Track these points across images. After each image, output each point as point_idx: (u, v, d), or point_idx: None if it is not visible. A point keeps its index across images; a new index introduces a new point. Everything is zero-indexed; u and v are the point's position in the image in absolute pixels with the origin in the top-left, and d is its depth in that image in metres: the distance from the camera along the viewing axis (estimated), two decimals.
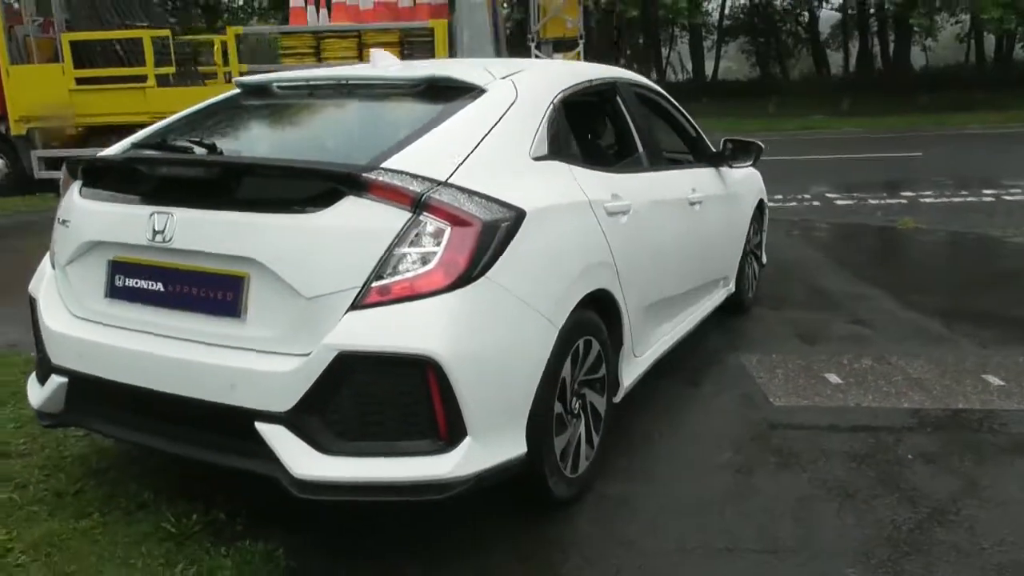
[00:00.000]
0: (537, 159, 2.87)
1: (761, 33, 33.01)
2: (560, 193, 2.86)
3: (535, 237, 2.60)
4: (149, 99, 9.84)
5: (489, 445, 2.44)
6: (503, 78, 3.02)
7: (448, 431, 2.35)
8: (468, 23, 9.65)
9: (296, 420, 2.31)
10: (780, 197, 9.59)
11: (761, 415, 3.74)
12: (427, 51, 10.01)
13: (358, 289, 2.31)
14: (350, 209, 2.35)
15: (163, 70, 10.09)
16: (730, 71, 36.34)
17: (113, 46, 10.17)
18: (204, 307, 2.48)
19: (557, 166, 2.95)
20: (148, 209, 2.53)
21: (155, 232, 2.49)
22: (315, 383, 2.28)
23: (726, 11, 32.96)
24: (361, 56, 10.06)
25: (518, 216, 2.53)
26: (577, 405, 2.97)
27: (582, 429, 3.00)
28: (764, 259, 5.82)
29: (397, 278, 2.32)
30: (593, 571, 2.58)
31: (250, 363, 2.36)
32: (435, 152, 2.57)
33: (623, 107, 3.81)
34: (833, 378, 4.16)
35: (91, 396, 2.69)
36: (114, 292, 2.65)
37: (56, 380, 2.72)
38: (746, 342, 4.76)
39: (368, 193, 2.35)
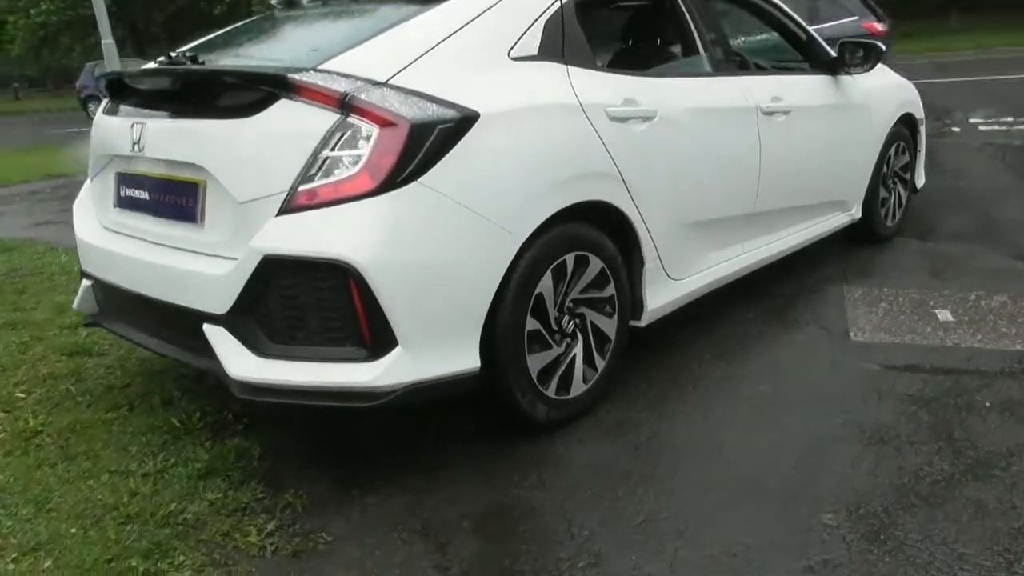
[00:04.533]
0: (519, 59, 2.68)
1: None
2: (539, 96, 2.65)
3: (492, 141, 2.44)
4: None
5: (425, 357, 2.36)
6: None
7: (372, 339, 2.30)
8: None
9: (233, 322, 2.37)
10: (980, 118, 8.30)
11: (828, 349, 3.31)
12: None
13: (285, 193, 2.30)
14: (281, 112, 2.34)
15: None
16: None
17: None
18: (174, 214, 2.60)
19: (546, 67, 2.73)
20: (129, 120, 2.69)
21: (133, 142, 2.64)
22: (246, 286, 2.32)
23: None
24: None
25: (464, 118, 2.38)
26: (571, 324, 2.78)
27: (578, 350, 2.82)
28: (920, 183, 5.09)
29: (323, 182, 2.28)
30: (543, 493, 2.44)
31: (201, 267, 2.45)
32: (385, 52, 2.48)
33: (681, 5, 3.44)
34: (944, 315, 3.58)
35: (108, 299, 2.94)
36: (120, 202, 2.86)
37: (85, 284, 3.01)
38: (861, 273, 4.21)
39: (297, 95, 2.32)
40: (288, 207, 2.30)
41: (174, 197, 2.59)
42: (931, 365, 3.11)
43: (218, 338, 2.41)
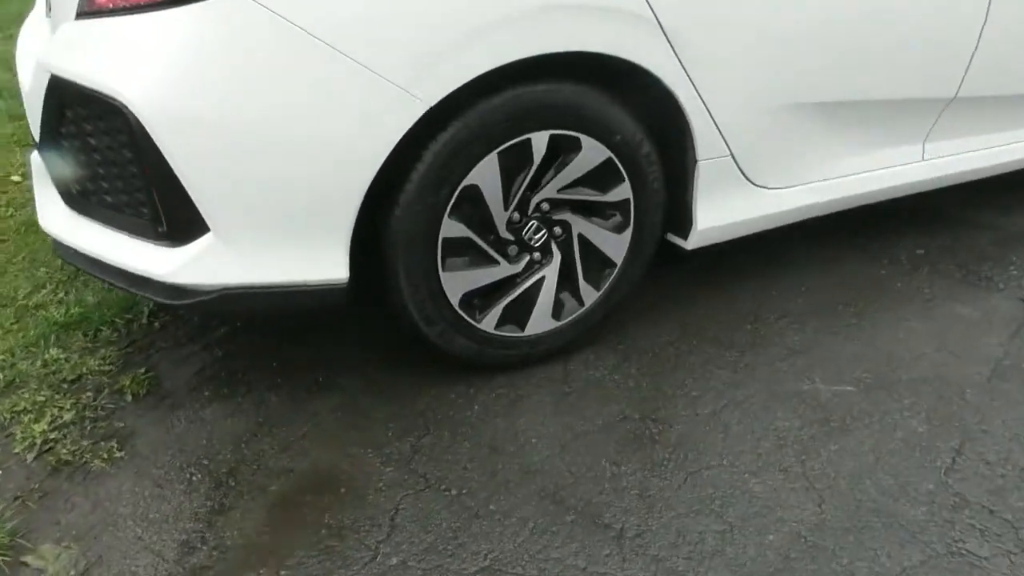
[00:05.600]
0: None
1: None
2: None
3: None
4: None
5: (254, 254, 1.64)
6: None
7: (169, 218, 1.62)
8: None
9: (45, 155, 1.79)
10: None
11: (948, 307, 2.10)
12: None
13: None
14: None
15: None
16: None
17: None
18: None
19: None
20: None
21: None
22: (44, 110, 1.71)
23: None
24: None
25: None
26: (540, 235, 1.89)
27: (549, 273, 1.94)
28: None
29: None
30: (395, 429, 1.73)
31: (29, 79, 1.86)
32: None
33: None
34: None
35: None
36: None
37: None
38: None
39: None
40: (83, 8, 1.60)
41: None
42: None
43: (37, 172, 1.86)
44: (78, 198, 1.75)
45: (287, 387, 1.97)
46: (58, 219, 1.80)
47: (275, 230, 1.64)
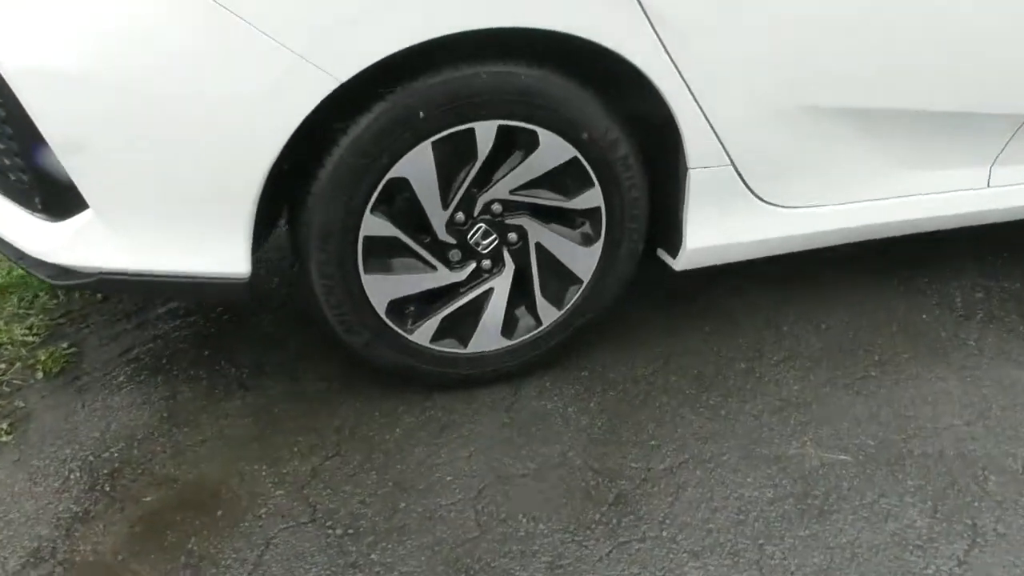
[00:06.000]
0: None
1: None
2: None
3: None
4: None
5: (138, 238, 1.45)
6: None
7: (44, 190, 1.44)
8: None
9: None
10: None
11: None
12: None
13: None
14: None
15: None
16: None
17: None
18: None
19: None
20: None
21: None
22: None
23: None
24: None
25: None
26: (489, 240, 1.63)
27: (498, 284, 1.68)
28: None
29: None
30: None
31: None
32: None
33: None
34: None
35: None
36: None
37: None
38: None
39: None
40: None
41: None
42: None
43: None
44: None
45: (206, 382, 1.79)
46: None
47: (162, 213, 1.44)
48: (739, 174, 1.69)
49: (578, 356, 1.86)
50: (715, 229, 1.74)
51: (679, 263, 1.77)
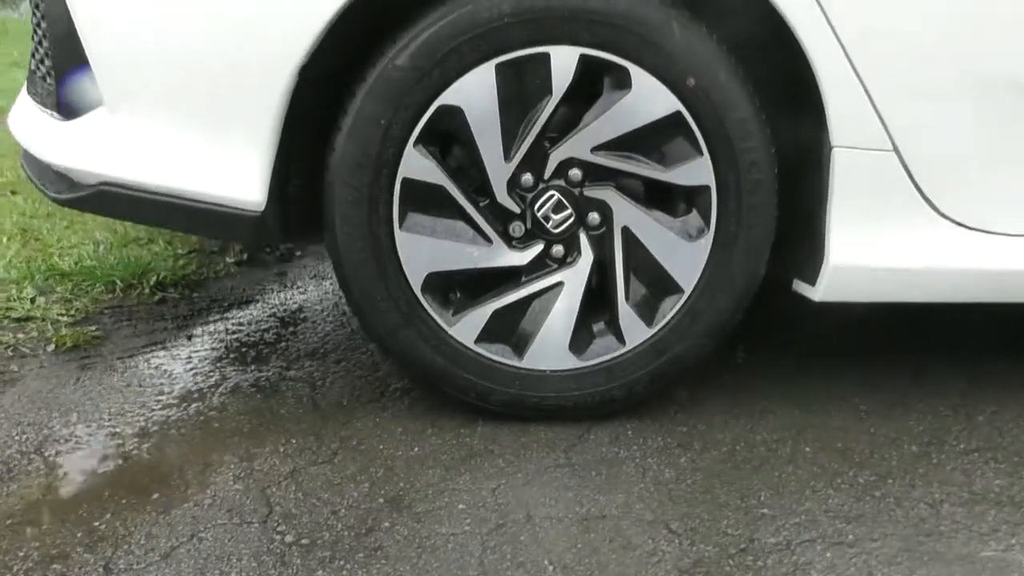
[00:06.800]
0: None
1: None
2: None
3: None
4: None
5: (147, 143, 1.24)
6: None
7: (59, 77, 1.29)
8: None
9: None
10: None
11: None
12: None
13: None
14: None
15: None
16: None
17: None
18: None
19: None
20: None
21: None
22: None
23: None
24: None
25: None
26: (563, 215, 1.28)
27: (569, 279, 1.30)
28: None
29: None
30: None
31: None
32: None
33: None
34: None
35: None
36: None
37: None
38: None
39: None
40: None
41: None
42: None
43: None
44: (30, 77, 1.50)
45: (215, 377, 1.49)
46: (14, 112, 1.55)
47: (176, 113, 1.23)
48: (904, 166, 1.26)
49: (674, 403, 1.39)
50: (870, 243, 1.28)
51: (819, 289, 1.31)
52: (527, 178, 1.26)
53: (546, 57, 1.20)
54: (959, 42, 1.21)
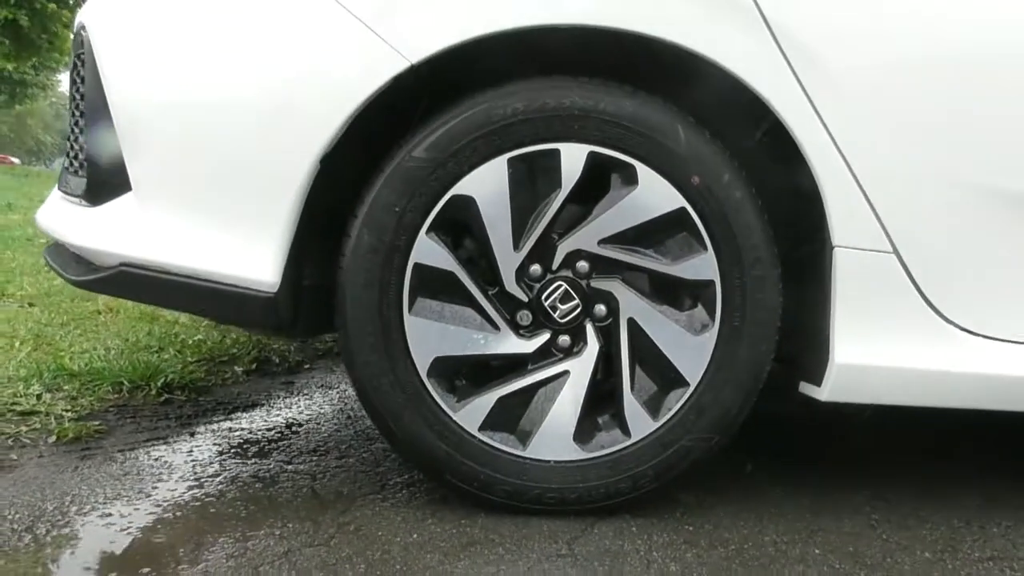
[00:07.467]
0: None
1: None
2: None
3: None
4: None
5: (167, 225, 1.30)
6: None
7: (91, 174, 1.37)
8: None
9: None
10: None
11: None
12: None
13: None
14: None
15: None
16: None
17: None
18: None
19: None
20: None
21: None
22: None
23: None
24: None
25: None
26: (569, 307, 1.31)
27: (573, 369, 1.32)
28: None
29: None
30: None
31: None
32: None
33: None
34: None
35: None
36: None
37: None
38: None
39: None
40: None
41: None
42: None
43: None
44: (62, 174, 1.59)
45: (213, 469, 1.48)
46: (43, 209, 1.62)
47: (202, 198, 1.30)
48: (905, 268, 1.30)
49: (680, 506, 1.36)
50: (874, 343, 1.30)
51: (825, 389, 1.31)
52: (535, 268, 1.30)
53: (556, 153, 1.27)
54: (953, 152, 1.28)
